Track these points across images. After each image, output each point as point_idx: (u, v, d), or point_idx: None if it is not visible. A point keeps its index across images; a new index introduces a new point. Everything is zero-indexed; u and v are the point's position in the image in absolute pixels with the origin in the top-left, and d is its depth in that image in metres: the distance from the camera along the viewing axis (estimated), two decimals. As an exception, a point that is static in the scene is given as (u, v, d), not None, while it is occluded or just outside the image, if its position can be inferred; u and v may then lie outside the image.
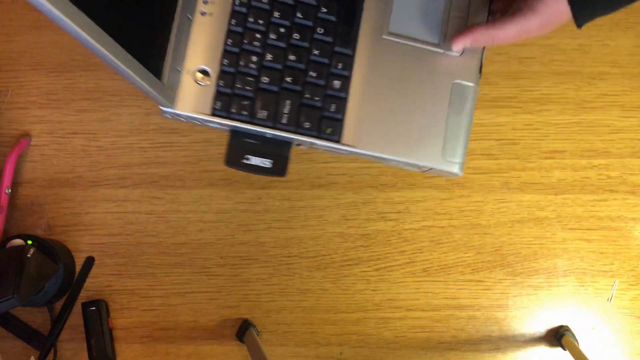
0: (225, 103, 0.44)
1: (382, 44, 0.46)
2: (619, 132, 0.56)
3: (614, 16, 0.57)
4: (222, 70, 0.44)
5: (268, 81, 0.44)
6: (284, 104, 0.44)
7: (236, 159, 0.45)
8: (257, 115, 0.44)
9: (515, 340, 0.54)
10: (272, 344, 0.54)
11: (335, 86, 0.45)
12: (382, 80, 0.46)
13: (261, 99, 0.44)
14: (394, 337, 0.54)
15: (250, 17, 0.44)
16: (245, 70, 0.44)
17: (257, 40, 0.44)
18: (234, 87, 0.44)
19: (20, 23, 0.59)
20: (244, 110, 0.44)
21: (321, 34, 0.45)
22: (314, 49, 0.45)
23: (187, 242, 0.55)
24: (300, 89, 0.44)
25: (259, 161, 0.45)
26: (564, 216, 0.55)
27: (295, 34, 0.44)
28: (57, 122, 0.57)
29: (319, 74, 0.45)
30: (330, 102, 0.45)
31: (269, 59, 0.44)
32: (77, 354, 0.54)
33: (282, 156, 0.45)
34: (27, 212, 0.56)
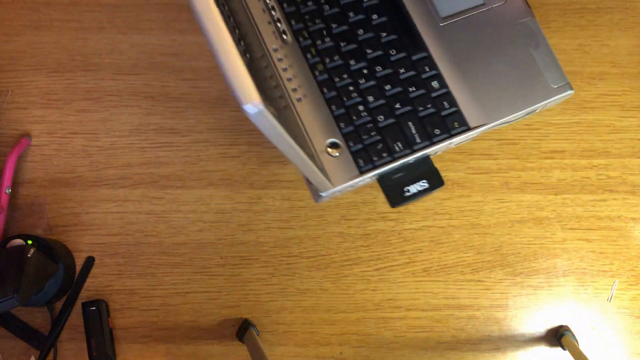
0: (366, 157, 0.46)
1: (443, 30, 0.49)
2: (619, 132, 0.56)
3: (613, 16, 0.58)
4: (344, 134, 0.47)
5: (383, 118, 0.47)
6: (408, 126, 0.47)
7: (399, 198, 0.47)
8: (395, 150, 0.46)
9: (515, 340, 0.54)
10: (272, 344, 0.54)
11: (435, 87, 0.48)
12: (465, 58, 0.49)
13: (388, 135, 0.46)
14: (394, 337, 0.54)
15: (335, 78, 0.47)
16: (361, 122, 0.47)
17: (352, 92, 0.47)
18: (363, 141, 0.46)
19: (20, 23, 0.59)
20: (382, 153, 0.46)
21: (395, 54, 0.48)
22: (398, 70, 0.48)
23: (187, 242, 0.55)
24: (411, 107, 0.47)
25: (417, 187, 0.47)
26: (563, 216, 0.55)
27: (377, 67, 0.47)
28: (57, 122, 0.57)
29: (416, 85, 0.47)
30: (440, 102, 0.47)
31: (371, 100, 0.47)
32: (77, 354, 0.54)
33: (431, 171, 0.48)
34: (27, 212, 0.56)
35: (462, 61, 0.49)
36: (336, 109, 0.47)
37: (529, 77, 0.49)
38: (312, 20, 0.48)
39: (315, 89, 0.47)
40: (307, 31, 0.48)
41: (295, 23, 0.48)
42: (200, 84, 0.58)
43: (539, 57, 0.49)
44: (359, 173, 0.46)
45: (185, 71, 0.58)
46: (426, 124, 0.47)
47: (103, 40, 0.58)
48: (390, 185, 0.47)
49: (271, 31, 0.47)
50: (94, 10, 0.59)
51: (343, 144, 0.46)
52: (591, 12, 0.58)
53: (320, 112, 0.47)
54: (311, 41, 0.47)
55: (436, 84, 0.48)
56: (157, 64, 0.58)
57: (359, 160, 0.46)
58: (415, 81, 0.48)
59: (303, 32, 0.48)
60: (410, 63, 0.48)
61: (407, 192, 0.47)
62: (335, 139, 0.46)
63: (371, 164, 0.46)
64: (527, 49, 0.49)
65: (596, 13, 0.58)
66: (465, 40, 0.49)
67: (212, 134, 0.57)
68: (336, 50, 0.48)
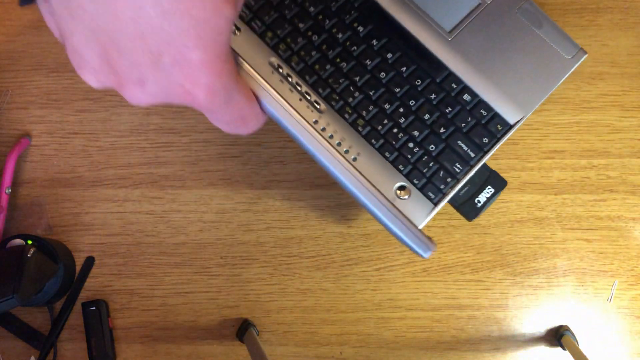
0: (434, 188, 0.48)
1: (454, 43, 0.51)
2: (619, 132, 0.56)
3: (613, 16, 0.58)
4: (406, 174, 0.48)
5: (434, 146, 0.48)
6: (459, 145, 0.48)
7: (473, 212, 0.49)
8: (455, 171, 0.48)
9: (515, 340, 0.54)
10: (272, 344, 0.54)
11: (468, 99, 0.49)
12: (482, 61, 0.51)
13: (445, 160, 0.48)
14: (394, 337, 0.54)
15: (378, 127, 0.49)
16: (416, 157, 0.48)
17: (398, 133, 0.48)
18: (425, 174, 0.48)
19: (20, 23, 0.59)
20: (446, 178, 0.48)
21: (420, 83, 0.50)
22: (429, 96, 0.49)
23: (187, 242, 0.55)
24: (454, 127, 0.49)
25: (485, 195, 0.49)
26: (563, 216, 0.55)
27: (410, 102, 0.49)
28: (58, 122, 0.57)
29: (451, 104, 0.49)
30: (477, 112, 0.49)
31: (417, 134, 0.49)
32: (77, 353, 0.54)
33: (491, 175, 0.50)
34: (27, 212, 0.56)
35: (480, 65, 0.51)
36: (389, 154, 0.48)
37: (544, 57, 0.50)
38: (336, 81, 0.49)
39: (363, 144, 0.49)
40: (335, 93, 0.49)
41: (322, 90, 0.49)
42: (200, 84, 0.58)
43: (546, 35, 0.51)
44: (433, 205, 0.47)
45: (185, 71, 0.58)
46: (473, 137, 0.49)
47: (103, 40, 0.58)
48: (461, 203, 0.50)
49: (305, 106, 0.49)
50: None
51: (408, 184, 0.48)
52: (591, 12, 0.58)
53: (376, 163, 0.48)
54: (343, 101, 0.49)
55: (467, 97, 0.50)
56: (157, 64, 0.58)
57: (428, 194, 0.48)
58: (448, 101, 0.50)
59: (332, 95, 0.49)
60: (437, 86, 0.50)
61: (479, 202, 0.49)
62: (400, 182, 0.48)
63: (440, 192, 0.48)
64: (533, 31, 0.51)
65: (596, 13, 0.58)
66: (476, 44, 0.51)
67: (212, 134, 0.57)
68: (368, 100, 0.49)
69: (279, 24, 0.49)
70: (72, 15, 0.23)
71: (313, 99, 0.49)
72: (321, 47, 0.49)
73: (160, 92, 0.25)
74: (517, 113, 0.50)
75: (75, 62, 0.25)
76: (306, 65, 0.49)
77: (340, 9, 0.50)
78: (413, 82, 0.50)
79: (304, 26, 0.49)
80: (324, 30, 0.50)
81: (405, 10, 0.51)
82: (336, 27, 0.50)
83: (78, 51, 0.24)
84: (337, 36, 0.50)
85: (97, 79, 0.25)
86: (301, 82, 0.49)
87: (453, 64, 0.51)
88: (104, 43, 0.23)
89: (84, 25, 0.23)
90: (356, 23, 0.51)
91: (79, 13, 0.23)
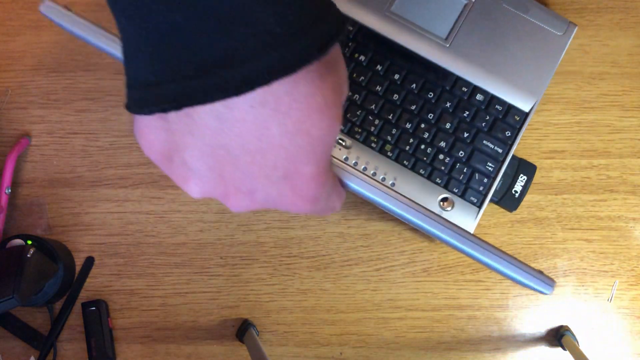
0: (474, 192, 0.50)
1: (453, 48, 0.52)
2: (619, 132, 0.56)
3: (614, 16, 0.57)
4: (444, 186, 0.50)
5: (463, 152, 0.50)
6: (485, 145, 0.50)
7: (513, 202, 0.52)
8: (489, 170, 0.50)
9: (516, 340, 0.54)
10: (272, 344, 0.54)
11: (480, 99, 0.51)
12: (484, 58, 0.52)
13: (476, 162, 0.50)
14: (394, 337, 0.54)
15: (405, 147, 0.50)
16: (449, 167, 0.50)
17: (426, 148, 0.50)
18: (461, 181, 0.50)
19: (20, 23, 0.59)
20: (482, 179, 0.50)
21: (433, 95, 0.51)
22: (445, 105, 0.51)
23: (187, 242, 0.55)
24: (475, 128, 0.51)
25: (520, 184, 0.52)
26: (564, 216, 0.55)
27: (428, 115, 0.51)
28: (57, 122, 0.57)
29: (466, 108, 0.51)
30: (493, 108, 0.51)
31: (444, 145, 0.50)
32: (77, 354, 0.54)
33: (520, 164, 0.52)
34: (27, 212, 0.56)
35: (483, 63, 0.52)
36: (423, 170, 0.50)
37: (539, 39, 0.52)
38: (354, 114, 0.51)
39: (396, 167, 0.50)
40: (356, 126, 0.51)
41: (343, 126, 0.51)
42: (200, 84, 0.58)
43: (535, 18, 0.52)
44: (478, 208, 0.49)
45: (185, 71, 0.58)
46: (495, 133, 0.50)
47: (103, 40, 0.58)
48: (500, 198, 0.52)
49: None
50: (94, 10, 0.59)
51: (449, 195, 0.50)
52: (591, 12, 0.58)
53: (414, 183, 0.50)
54: (365, 132, 0.50)
55: (480, 96, 0.51)
56: (157, 64, 0.58)
57: (470, 199, 0.49)
58: (463, 105, 0.51)
59: (354, 128, 0.51)
60: (449, 93, 0.51)
61: (516, 193, 0.51)
62: (441, 195, 0.50)
63: (480, 194, 0.50)
64: (522, 17, 0.52)
65: (596, 13, 0.58)
66: (474, 44, 0.52)
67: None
68: (389, 124, 0.50)
69: None
70: (192, 132, 0.23)
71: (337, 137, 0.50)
72: None
73: (266, 201, 0.26)
74: (529, 100, 0.51)
75: (181, 175, 0.26)
76: None
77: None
78: (425, 95, 0.51)
79: None
80: None
81: (399, 29, 0.52)
82: None
83: (188, 164, 0.25)
84: None
85: (202, 190, 0.26)
86: None
87: (457, 68, 0.52)
88: (220, 157, 0.24)
89: (203, 141, 0.23)
90: (357, 54, 0.52)
91: (201, 130, 0.23)
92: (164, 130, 0.24)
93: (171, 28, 0.21)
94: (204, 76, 0.21)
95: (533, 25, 0.52)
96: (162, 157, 0.25)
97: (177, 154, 0.25)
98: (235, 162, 0.24)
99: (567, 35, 0.52)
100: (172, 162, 0.25)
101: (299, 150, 0.24)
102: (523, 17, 0.52)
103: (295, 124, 0.23)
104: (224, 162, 0.24)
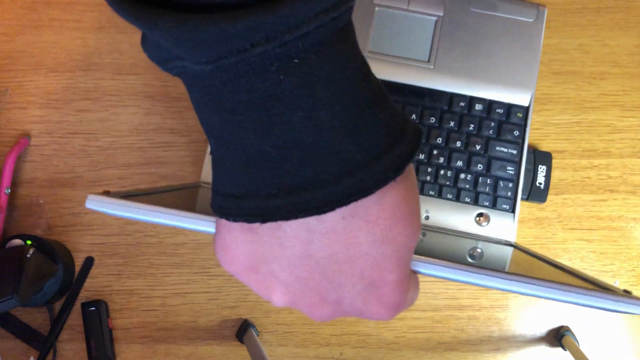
0: (504, 200, 0.51)
1: (438, 67, 0.53)
2: (620, 132, 0.56)
3: (614, 16, 0.57)
4: (473, 202, 0.51)
5: (481, 165, 0.51)
6: (498, 151, 0.51)
7: (541, 194, 0.53)
8: (510, 173, 0.51)
9: (516, 340, 0.54)
10: (272, 344, 0.54)
11: (479, 108, 0.51)
12: (470, 67, 0.52)
13: (495, 170, 0.51)
14: (394, 337, 0.54)
15: (426, 178, 0.51)
16: (472, 182, 0.51)
17: (446, 171, 0.51)
18: (488, 192, 0.51)
19: (20, 23, 0.59)
20: (508, 184, 0.51)
21: (434, 120, 0.52)
22: (448, 125, 0.52)
23: (187, 242, 0.55)
24: (484, 138, 0.51)
25: (542, 175, 0.53)
26: (564, 216, 0.55)
27: (437, 139, 0.52)
28: (57, 122, 0.57)
29: (470, 122, 0.52)
30: (495, 113, 0.52)
31: (460, 164, 0.51)
32: (76, 354, 0.54)
33: (536, 156, 0.53)
34: (26, 212, 0.56)
35: (471, 72, 0.52)
36: (450, 194, 0.50)
37: (515, 32, 0.53)
38: None
39: (423, 200, 0.51)
40: None
41: None
42: (200, 83, 0.58)
43: (505, 12, 0.53)
44: (512, 213, 0.50)
45: (185, 71, 0.58)
46: (505, 136, 0.51)
47: (103, 40, 0.58)
48: (528, 195, 0.52)
49: None
50: (94, 10, 0.59)
51: (483, 210, 0.50)
52: (592, 12, 0.58)
53: (445, 209, 0.50)
54: None
55: (479, 106, 0.52)
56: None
57: (502, 207, 0.50)
58: (466, 119, 0.52)
59: None
60: (449, 112, 0.52)
61: (540, 185, 0.52)
62: (474, 212, 0.50)
63: (510, 199, 0.50)
64: (493, 15, 0.53)
65: (597, 13, 0.58)
66: (457, 57, 0.53)
67: (212, 133, 0.57)
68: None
69: None
70: (282, 243, 0.24)
71: None
72: None
73: (350, 310, 0.27)
74: (525, 93, 0.51)
75: (266, 285, 0.26)
76: None
77: None
78: (428, 122, 0.51)
79: None
80: None
81: (381, 65, 0.53)
82: None
83: (276, 275, 0.25)
84: None
85: (287, 300, 0.26)
86: None
87: (448, 85, 0.52)
88: (308, 267, 0.24)
89: (292, 252, 0.24)
90: None
91: (291, 241, 0.24)
92: (251, 243, 0.25)
93: (258, 154, 0.22)
94: (287, 196, 0.22)
95: (505, 20, 0.53)
96: (246, 270, 0.26)
97: (265, 266, 0.25)
98: (323, 272, 0.25)
99: (540, 19, 0.53)
100: (258, 274, 0.26)
101: (385, 258, 0.24)
102: (494, 15, 0.53)
103: (383, 232, 0.24)
104: (312, 272, 0.25)
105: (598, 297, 0.27)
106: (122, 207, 0.29)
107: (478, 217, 0.50)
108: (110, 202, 0.29)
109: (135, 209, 0.29)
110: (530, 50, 0.52)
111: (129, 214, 0.29)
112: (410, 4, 0.53)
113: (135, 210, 0.29)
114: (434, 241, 0.45)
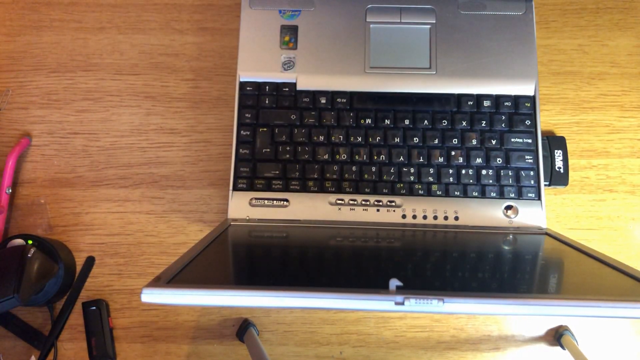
0: (529, 189, 0.51)
1: (440, 72, 0.53)
2: (619, 132, 0.56)
3: (613, 16, 0.58)
4: (499, 196, 0.51)
5: (500, 159, 0.52)
6: (513, 142, 0.52)
7: (562, 178, 0.53)
8: (530, 163, 0.52)
9: (515, 339, 0.54)
10: (272, 344, 0.54)
11: (487, 104, 0.53)
12: (472, 64, 0.53)
13: (514, 161, 0.52)
14: (393, 336, 0.54)
15: (444, 178, 0.52)
16: (494, 177, 0.51)
17: (466, 169, 0.52)
18: (511, 184, 0.51)
19: (20, 23, 0.59)
20: (529, 172, 0.51)
21: (446, 123, 0.52)
22: (459, 126, 0.52)
23: (187, 242, 0.55)
24: (497, 132, 0.52)
25: (559, 159, 0.53)
26: (563, 216, 0.55)
27: (453, 141, 0.52)
28: (58, 122, 0.57)
29: (479, 119, 0.53)
30: (502, 107, 0.52)
31: (479, 161, 0.52)
32: (77, 353, 0.54)
33: (551, 141, 0.54)
34: (27, 212, 0.56)
35: (473, 71, 0.53)
36: (476, 192, 0.51)
37: (507, 27, 0.54)
38: (388, 173, 0.52)
39: (450, 201, 0.51)
40: (396, 182, 0.52)
41: (385, 189, 0.51)
42: (200, 84, 0.58)
43: (494, 9, 0.55)
44: (539, 200, 0.51)
45: (185, 71, 0.58)
46: (517, 127, 0.52)
47: (103, 41, 0.59)
48: (550, 180, 0.53)
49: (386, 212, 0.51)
50: (94, 11, 0.59)
51: (509, 202, 0.51)
52: (591, 12, 0.58)
53: (473, 207, 0.51)
54: (407, 183, 0.51)
55: (487, 102, 0.53)
56: (157, 64, 0.58)
57: (528, 195, 0.51)
58: (476, 117, 0.53)
59: (395, 186, 0.52)
60: (459, 113, 0.53)
61: (560, 169, 0.53)
62: (502, 206, 0.51)
63: (534, 187, 0.51)
64: (483, 14, 0.55)
65: (596, 13, 0.58)
66: (456, 59, 0.54)
67: (212, 134, 0.57)
68: (424, 166, 0.52)
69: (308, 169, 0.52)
70: None
71: (385, 201, 0.51)
72: (354, 158, 0.52)
73: None
74: (529, 83, 0.52)
75: None
76: (356, 181, 0.52)
77: (336, 118, 0.53)
78: (439, 125, 0.53)
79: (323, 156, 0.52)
80: (342, 144, 0.52)
81: (385, 79, 0.54)
82: (351, 134, 0.52)
83: None
84: (357, 140, 0.52)
85: None
86: (365, 197, 0.51)
87: (453, 87, 0.53)
88: None
89: None
90: (361, 120, 0.53)
91: None
92: None
93: None
94: None
95: (495, 17, 0.54)
96: None
97: None
98: None
99: (530, 10, 0.54)
100: None
101: None
102: (484, 15, 0.54)
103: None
104: None
105: None
106: (183, 296, 0.29)
107: (506, 209, 0.51)
108: (170, 293, 0.29)
109: (201, 296, 0.30)
110: (526, 42, 0.53)
111: (197, 302, 0.29)
112: (402, 16, 0.54)
113: (202, 298, 0.30)
114: (466, 240, 0.47)
